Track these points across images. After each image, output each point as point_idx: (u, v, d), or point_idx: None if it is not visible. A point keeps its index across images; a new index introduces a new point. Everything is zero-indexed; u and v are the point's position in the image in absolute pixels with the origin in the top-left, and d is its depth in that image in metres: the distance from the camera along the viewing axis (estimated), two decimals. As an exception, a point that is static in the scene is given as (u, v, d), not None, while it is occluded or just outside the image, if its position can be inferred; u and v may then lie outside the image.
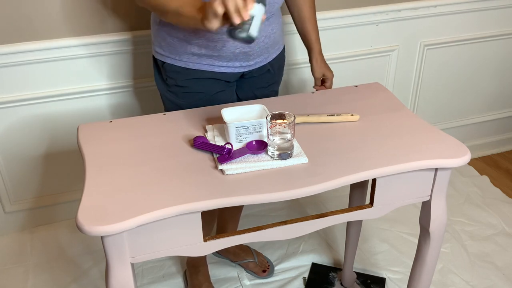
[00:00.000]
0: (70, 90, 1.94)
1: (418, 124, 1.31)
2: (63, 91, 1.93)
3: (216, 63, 1.44)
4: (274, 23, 1.48)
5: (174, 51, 1.44)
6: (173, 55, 1.45)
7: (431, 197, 1.25)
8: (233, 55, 1.43)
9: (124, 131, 1.29)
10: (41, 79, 1.89)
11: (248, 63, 1.48)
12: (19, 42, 1.80)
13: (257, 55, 1.48)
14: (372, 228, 2.16)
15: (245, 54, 1.44)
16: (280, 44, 1.59)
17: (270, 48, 1.51)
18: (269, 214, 2.22)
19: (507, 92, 2.61)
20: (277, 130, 1.14)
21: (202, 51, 1.42)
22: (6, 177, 2.04)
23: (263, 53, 1.49)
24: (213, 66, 1.45)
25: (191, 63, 1.44)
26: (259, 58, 1.50)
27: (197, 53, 1.42)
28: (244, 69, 1.49)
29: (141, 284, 1.90)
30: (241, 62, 1.47)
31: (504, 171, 2.57)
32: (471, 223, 2.20)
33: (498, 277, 1.92)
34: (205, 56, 1.43)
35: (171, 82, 1.48)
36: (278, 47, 1.57)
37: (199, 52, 1.42)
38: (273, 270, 1.95)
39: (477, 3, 2.27)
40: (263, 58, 1.51)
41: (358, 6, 2.12)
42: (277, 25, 1.51)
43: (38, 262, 2.00)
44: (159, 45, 1.47)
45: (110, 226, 0.97)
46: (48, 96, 1.92)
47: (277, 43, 1.55)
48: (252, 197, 1.06)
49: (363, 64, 2.26)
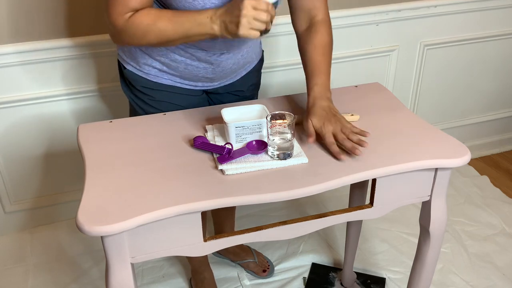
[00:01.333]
0: (70, 90, 1.94)
1: (418, 124, 1.31)
2: (63, 91, 1.93)
3: (178, 80, 1.41)
4: (246, 48, 1.41)
5: (134, 59, 1.38)
6: (133, 62, 1.39)
7: (431, 197, 1.25)
8: (195, 78, 1.40)
9: (124, 131, 1.29)
10: (42, 79, 1.89)
11: (211, 84, 1.44)
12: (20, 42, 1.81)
13: (221, 78, 1.44)
14: (372, 228, 2.16)
15: (207, 78, 1.41)
16: (252, 62, 1.51)
17: (237, 69, 1.45)
18: (269, 214, 2.22)
19: (507, 92, 2.61)
20: (277, 130, 1.14)
21: (164, 68, 1.38)
22: (6, 177, 2.04)
23: (228, 75, 1.45)
24: (174, 82, 1.41)
25: (152, 75, 1.39)
26: (224, 80, 1.46)
27: (159, 68, 1.38)
28: (207, 87, 1.46)
29: (141, 284, 1.90)
30: (203, 83, 1.43)
31: (504, 171, 2.57)
32: (471, 223, 2.20)
33: (498, 277, 1.92)
34: (166, 72, 1.39)
35: (132, 88, 1.44)
36: (247, 66, 1.50)
37: (160, 68, 1.38)
38: (273, 270, 1.95)
39: (478, 3, 2.27)
40: (228, 79, 1.47)
41: (358, 6, 2.12)
42: (250, 49, 1.43)
43: (38, 262, 2.00)
44: (122, 49, 1.42)
45: (110, 226, 0.97)
46: (48, 96, 1.92)
47: (246, 63, 1.48)
48: (252, 197, 1.06)
49: (363, 64, 2.26)
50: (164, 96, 1.42)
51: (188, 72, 1.37)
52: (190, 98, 1.44)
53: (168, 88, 1.41)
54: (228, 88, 1.50)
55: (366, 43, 2.23)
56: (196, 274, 1.86)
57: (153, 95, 1.42)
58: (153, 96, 1.42)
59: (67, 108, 1.97)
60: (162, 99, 1.42)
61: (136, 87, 1.42)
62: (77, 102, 1.97)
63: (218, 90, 1.49)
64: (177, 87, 1.42)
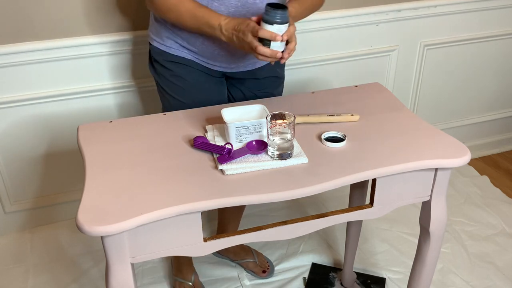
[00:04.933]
0: (70, 90, 1.94)
1: (418, 124, 1.31)
2: (63, 91, 1.93)
3: (197, 56, 1.46)
4: None
5: (159, 34, 1.47)
6: (158, 38, 1.48)
7: (431, 197, 1.25)
8: (211, 55, 1.45)
9: (124, 131, 1.29)
10: (41, 79, 1.89)
11: (228, 66, 1.48)
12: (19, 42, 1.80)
13: (238, 60, 1.46)
14: (372, 228, 2.16)
15: (223, 56, 1.44)
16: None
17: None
18: (269, 214, 2.22)
19: (507, 92, 2.61)
20: (277, 130, 1.14)
21: (184, 44, 1.44)
22: (6, 177, 2.04)
23: (246, 59, 1.47)
24: (193, 57, 1.47)
25: (173, 48, 1.46)
26: (241, 63, 1.48)
27: (179, 43, 1.45)
28: (224, 69, 1.49)
29: (141, 284, 1.90)
30: (221, 63, 1.47)
31: (504, 171, 2.57)
32: (471, 223, 2.20)
33: (498, 277, 1.92)
34: (187, 48, 1.45)
35: (156, 65, 1.51)
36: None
37: (181, 42, 1.44)
38: (273, 270, 1.95)
39: (477, 3, 2.27)
40: (246, 64, 1.49)
41: (358, 6, 2.12)
42: None
43: (38, 262, 2.00)
44: (150, 28, 1.51)
45: (110, 226, 0.97)
46: (48, 96, 1.92)
47: None
48: (252, 197, 1.06)
49: (363, 64, 2.26)
50: (184, 71, 1.48)
51: (205, 48, 1.43)
52: (208, 77, 1.50)
53: (188, 62, 1.47)
54: (247, 74, 1.53)
55: (366, 43, 2.23)
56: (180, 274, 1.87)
57: (173, 69, 1.48)
58: (173, 71, 1.48)
59: (67, 108, 1.97)
60: (182, 73, 1.48)
61: (159, 62, 1.50)
62: (77, 102, 1.97)
63: (237, 75, 1.52)
64: (196, 63, 1.48)
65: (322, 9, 2.05)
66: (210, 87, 1.52)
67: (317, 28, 2.08)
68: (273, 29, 1.19)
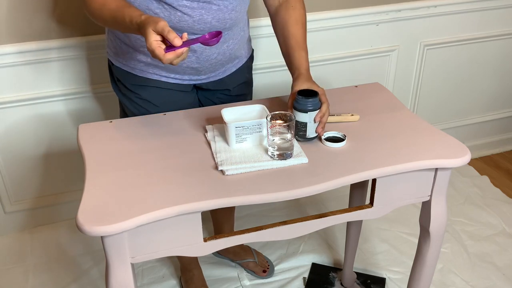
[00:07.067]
0: (70, 90, 1.94)
1: (418, 124, 1.31)
2: (63, 91, 1.93)
3: (163, 73, 1.39)
4: (231, 39, 1.37)
5: (121, 55, 1.38)
6: (120, 58, 1.39)
7: (431, 197, 1.25)
8: (180, 69, 1.37)
9: (124, 131, 1.29)
10: (41, 79, 1.89)
11: (198, 77, 1.42)
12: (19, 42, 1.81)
13: (208, 71, 1.40)
14: (372, 228, 2.16)
15: (193, 69, 1.37)
16: (241, 58, 1.49)
17: (225, 63, 1.43)
18: (269, 214, 2.22)
19: (507, 92, 2.61)
20: (277, 130, 1.14)
21: (149, 60, 1.35)
22: (6, 177, 2.04)
23: (216, 69, 1.42)
24: (160, 76, 1.39)
25: (138, 69, 1.38)
26: (211, 73, 1.43)
27: (144, 61, 1.36)
28: (195, 82, 1.43)
29: (141, 284, 1.90)
30: (190, 76, 1.41)
31: (504, 171, 2.57)
32: (471, 223, 2.20)
33: (498, 277, 1.92)
34: (152, 65, 1.37)
35: (120, 85, 1.43)
36: (237, 61, 1.48)
37: (145, 60, 1.36)
38: (273, 270, 1.95)
39: (477, 3, 2.27)
40: (217, 73, 1.44)
41: (358, 6, 2.12)
42: (235, 41, 1.40)
43: (38, 262, 2.00)
44: (109, 46, 1.43)
45: (110, 226, 0.97)
46: (48, 96, 1.92)
47: (235, 58, 1.46)
48: (252, 197, 1.06)
49: (363, 64, 2.26)
50: (151, 94, 1.40)
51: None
52: (178, 94, 1.42)
53: (155, 83, 1.40)
54: (217, 84, 1.48)
55: (366, 43, 2.23)
56: (187, 272, 1.87)
57: (139, 93, 1.41)
58: (139, 94, 1.41)
59: (67, 108, 1.97)
60: (149, 97, 1.41)
61: (124, 85, 1.42)
62: (78, 102, 1.97)
63: (208, 86, 1.47)
64: (164, 82, 1.40)
65: (322, 9, 2.07)
66: (180, 106, 1.42)
67: (317, 28, 2.08)
68: (308, 116, 1.19)
